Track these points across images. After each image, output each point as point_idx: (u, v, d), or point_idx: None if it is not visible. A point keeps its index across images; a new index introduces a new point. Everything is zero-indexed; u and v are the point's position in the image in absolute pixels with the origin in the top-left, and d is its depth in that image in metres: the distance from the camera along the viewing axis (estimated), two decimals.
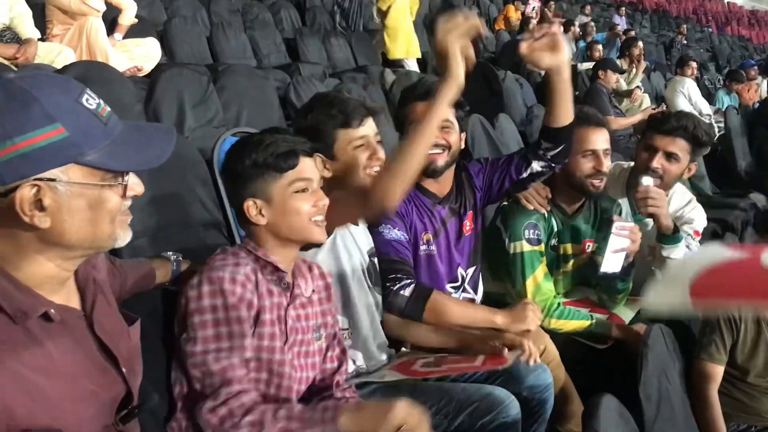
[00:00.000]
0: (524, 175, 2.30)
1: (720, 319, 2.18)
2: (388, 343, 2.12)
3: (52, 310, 1.10)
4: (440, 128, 2.11)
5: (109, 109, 1.10)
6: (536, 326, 2.13)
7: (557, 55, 2.02)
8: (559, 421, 2.10)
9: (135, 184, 1.14)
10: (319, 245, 1.79)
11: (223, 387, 1.43)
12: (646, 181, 2.43)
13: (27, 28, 3.71)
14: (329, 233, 1.76)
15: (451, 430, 1.83)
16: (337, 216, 1.74)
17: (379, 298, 2.09)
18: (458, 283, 2.34)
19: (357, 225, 2.03)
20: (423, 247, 2.24)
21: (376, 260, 2.11)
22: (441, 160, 2.20)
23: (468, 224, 2.36)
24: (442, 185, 2.29)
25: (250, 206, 1.59)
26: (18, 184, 1.01)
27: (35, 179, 1.02)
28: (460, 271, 2.35)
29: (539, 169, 2.28)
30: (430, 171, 2.20)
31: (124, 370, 1.23)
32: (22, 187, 1.01)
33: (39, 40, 3.78)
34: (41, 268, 1.09)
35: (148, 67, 4.35)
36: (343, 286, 1.96)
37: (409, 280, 2.11)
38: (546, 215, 2.47)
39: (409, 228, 2.21)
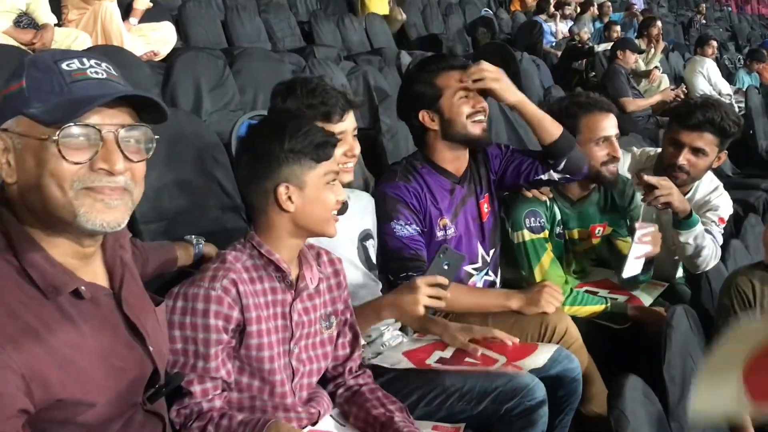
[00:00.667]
0: (542, 177, 2.29)
1: (735, 302, 2.14)
2: None
3: (83, 287, 1.11)
4: (471, 94, 2.17)
5: (96, 76, 1.08)
6: (553, 309, 2.11)
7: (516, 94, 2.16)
8: (581, 403, 2.08)
9: (104, 155, 1.06)
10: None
11: (186, 397, 1.47)
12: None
13: (43, 13, 3.72)
14: None
15: (475, 416, 1.81)
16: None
17: (378, 285, 2.10)
18: (479, 265, 2.33)
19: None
20: (440, 234, 2.22)
21: (368, 244, 2.10)
22: (482, 129, 2.21)
23: (486, 206, 2.35)
24: (461, 163, 2.29)
25: (282, 191, 1.55)
26: None
27: (1, 129, 1.07)
28: (482, 252, 2.34)
29: (557, 177, 2.28)
30: (484, 140, 2.22)
31: (151, 348, 1.24)
32: None
33: (55, 25, 3.78)
34: (61, 243, 1.11)
35: (164, 51, 4.34)
36: None
37: None
38: (548, 203, 2.44)
39: (423, 219, 2.19)
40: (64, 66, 1.07)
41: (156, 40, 4.31)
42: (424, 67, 2.24)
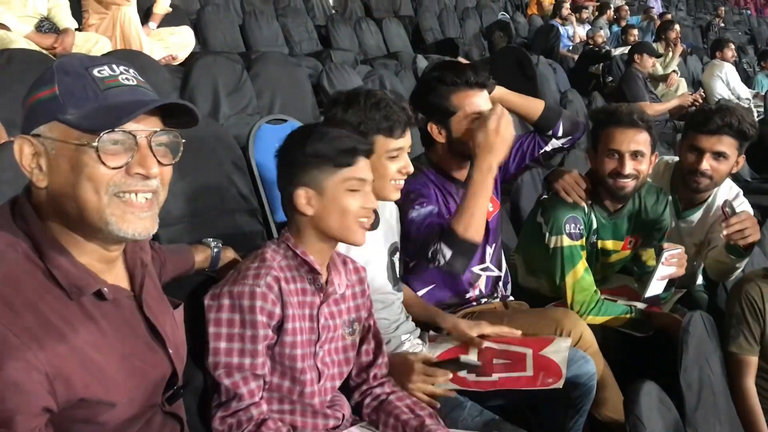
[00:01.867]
0: (547, 149, 2.36)
1: (745, 309, 2.13)
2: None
3: (105, 289, 1.13)
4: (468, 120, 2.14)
5: (128, 83, 1.11)
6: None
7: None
8: (596, 407, 2.08)
9: (140, 159, 1.09)
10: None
11: (233, 401, 1.47)
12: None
13: (64, 17, 3.75)
14: None
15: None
16: None
17: (401, 295, 2.09)
18: (485, 264, 2.34)
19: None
20: None
21: (396, 259, 2.09)
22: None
23: (491, 205, 2.32)
24: (465, 169, 2.25)
25: (301, 194, 1.57)
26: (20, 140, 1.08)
27: (32, 134, 1.08)
28: (488, 251, 2.35)
29: (562, 143, 2.36)
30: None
31: (170, 351, 1.26)
32: (21, 141, 1.08)
33: (76, 30, 3.83)
34: (87, 247, 1.12)
35: (182, 55, 4.38)
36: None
37: (449, 253, 2.06)
38: (586, 210, 2.42)
39: (444, 213, 2.19)
40: (95, 72, 1.09)
41: (174, 44, 4.36)
42: (443, 78, 2.19)
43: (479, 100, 2.16)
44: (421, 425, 1.63)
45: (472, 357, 1.96)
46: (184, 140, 1.17)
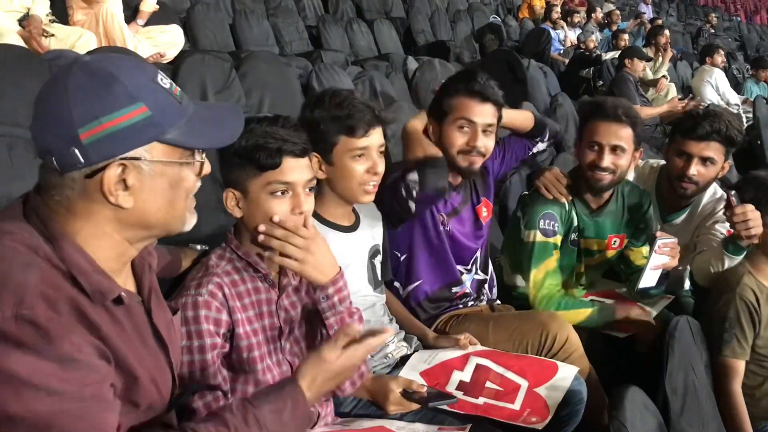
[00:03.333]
0: (534, 151, 2.43)
1: (740, 313, 2.13)
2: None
3: (123, 293, 1.10)
4: (483, 132, 2.12)
5: (179, 89, 1.12)
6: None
7: None
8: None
9: (207, 164, 1.15)
10: None
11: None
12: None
13: (41, 12, 3.71)
14: None
15: None
16: None
17: (383, 297, 2.07)
18: (468, 267, 2.33)
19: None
20: (440, 225, 2.23)
21: (376, 262, 2.07)
22: (477, 165, 2.17)
23: (485, 210, 2.35)
24: (457, 178, 2.26)
25: (229, 196, 1.51)
26: (105, 164, 1.02)
27: (121, 159, 1.03)
28: (477, 255, 2.35)
29: (545, 145, 2.43)
30: (467, 172, 2.18)
31: (173, 359, 1.23)
32: (110, 166, 1.02)
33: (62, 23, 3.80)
34: (114, 248, 1.10)
35: (171, 54, 4.33)
36: None
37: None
38: (567, 208, 2.41)
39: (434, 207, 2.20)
40: (161, 83, 1.08)
41: (164, 42, 4.32)
42: (455, 80, 2.18)
43: (472, 110, 2.11)
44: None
45: (466, 376, 1.93)
46: None
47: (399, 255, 2.23)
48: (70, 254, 1.04)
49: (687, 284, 2.78)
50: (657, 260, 2.32)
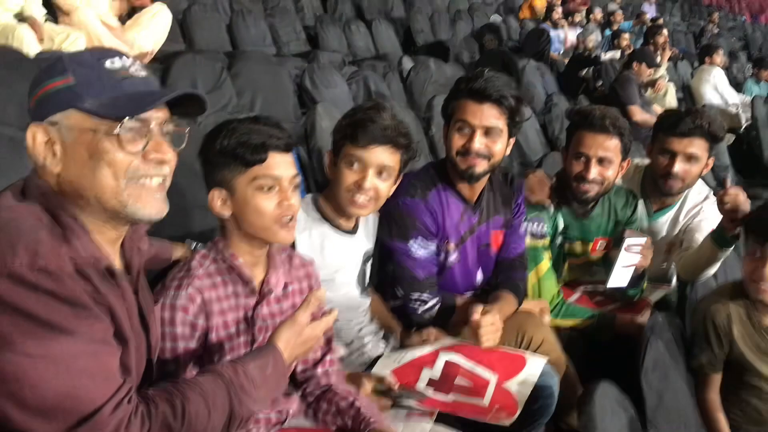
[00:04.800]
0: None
1: (710, 332, 2.10)
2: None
3: (117, 267, 1.17)
4: (485, 134, 2.06)
5: (139, 74, 1.16)
6: (492, 344, 1.94)
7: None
8: (562, 413, 2.05)
9: (155, 146, 1.14)
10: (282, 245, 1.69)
11: None
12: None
13: (34, 8, 3.74)
14: None
15: None
16: None
17: (368, 300, 2.08)
18: (477, 291, 2.30)
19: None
20: (442, 254, 2.19)
21: (368, 266, 2.08)
22: (480, 168, 2.08)
23: (501, 237, 2.29)
24: (474, 189, 2.20)
25: (215, 196, 1.52)
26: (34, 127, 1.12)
27: (46, 122, 1.12)
28: (479, 279, 2.31)
29: None
30: (466, 176, 2.11)
31: (152, 340, 1.29)
32: (34, 128, 1.12)
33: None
34: (88, 221, 1.15)
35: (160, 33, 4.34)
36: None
37: (434, 300, 2.11)
38: (551, 211, 2.41)
39: (440, 238, 2.16)
40: (107, 64, 1.13)
41: (156, 24, 4.31)
42: (461, 81, 2.12)
43: (470, 111, 2.06)
44: (357, 413, 1.61)
45: (435, 373, 1.93)
46: (187, 129, 1.22)
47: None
48: (66, 222, 1.11)
49: (674, 282, 2.78)
50: (626, 259, 2.31)
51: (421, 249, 2.09)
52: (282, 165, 1.52)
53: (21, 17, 3.66)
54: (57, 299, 1.01)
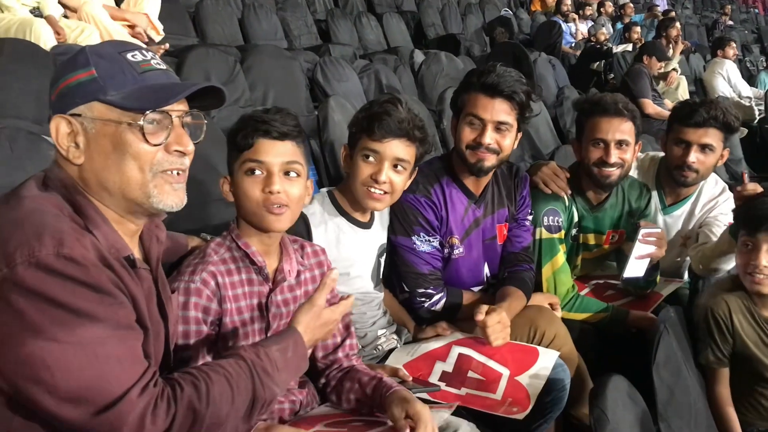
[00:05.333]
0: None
1: (712, 327, 2.11)
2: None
3: (134, 256, 1.19)
4: (495, 128, 2.07)
5: (159, 66, 1.18)
6: (502, 343, 1.95)
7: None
8: (572, 406, 2.07)
9: (177, 138, 1.17)
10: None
11: None
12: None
13: (50, 5, 3.77)
14: None
15: None
16: None
17: (381, 294, 2.10)
18: (484, 286, 2.31)
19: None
20: (446, 251, 2.20)
21: (382, 260, 2.09)
22: (489, 162, 2.09)
23: (505, 230, 2.30)
24: (479, 183, 2.22)
25: (224, 182, 1.60)
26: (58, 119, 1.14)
27: (69, 114, 1.13)
28: (486, 273, 2.31)
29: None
30: (475, 170, 2.11)
31: (171, 329, 1.31)
32: (58, 120, 1.14)
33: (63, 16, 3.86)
34: (109, 212, 1.17)
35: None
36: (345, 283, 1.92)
37: (439, 295, 2.12)
38: (567, 203, 2.41)
39: (443, 232, 2.17)
40: (129, 57, 1.15)
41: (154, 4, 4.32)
42: (473, 75, 2.11)
43: (482, 106, 2.06)
44: (379, 381, 1.62)
45: (448, 367, 1.94)
46: (206, 121, 1.25)
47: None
48: (88, 213, 1.14)
49: (686, 276, 2.78)
50: (641, 249, 2.31)
51: (424, 244, 2.11)
52: (271, 151, 1.55)
53: (37, 12, 3.70)
54: (83, 286, 1.03)
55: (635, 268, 2.35)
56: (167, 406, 1.07)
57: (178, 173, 1.18)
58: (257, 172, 1.55)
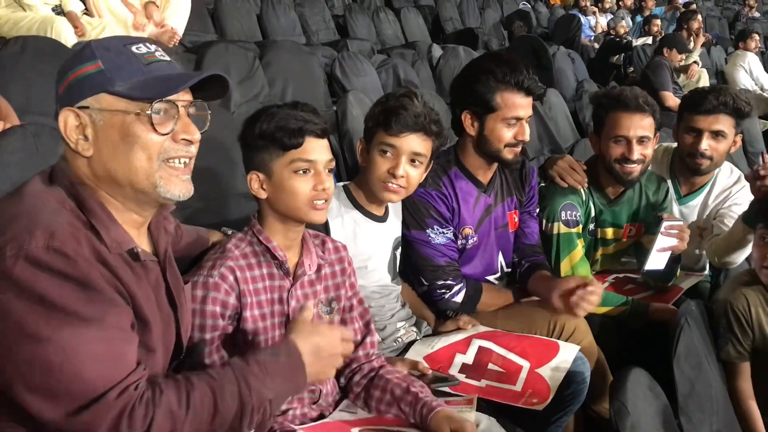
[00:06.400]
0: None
1: (732, 322, 2.09)
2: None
3: (139, 249, 1.20)
4: (519, 123, 2.11)
5: (164, 58, 1.20)
6: (584, 314, 2.02)
7: None
8: (592, 400, 2.07)
9: (183, 127, 1.19)
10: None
11: None
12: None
13: (72, 2, 3.83)
14: None
15: None
16: None
17: (399, 287, 2.11)
18: (499, 275, 2.32)
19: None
20: (460, 242, 2.21)
21: (398, 253, 2.10)
22: (514, 155, 2.16)
23: (516, 217, 2.32)
24: (489, 173, 2.24)
25: (253, 179, 1.59)
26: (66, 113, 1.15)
27: (77, 107, 1.15)
28: (501, 262, 2.32)
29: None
30: (510, 164, 2.19)
31: (181, 320, 1.32)
32: (66, 113, 1.15)
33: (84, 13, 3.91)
34: (116, 204, 1.19)
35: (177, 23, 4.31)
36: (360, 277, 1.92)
37: (459, 285, 2.13)
38: (584, 198, 2.40)
39: (456, 224, 2.18)
40: (133, 49, 1.17)
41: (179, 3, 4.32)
42: (496, 70, 2.10)
43: (522, 106, 2.11)
44: (416, 398, 1.63)
45: (468, 358, 1.96)
46: (209, 112, 1.27)
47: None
48: (92, 207, 1.15)
49: (707, 269, 2.76)
50: (663, 242, 2.30)
51: (439, 236, 2.12)
52: (318, 149, 1.58)
53: (59, 10, 3.75)
54: (71, 281, 1.04)
55: (657, 260, 2.34)
56: (145, 409, 1.06)
57: (184, 163, 1.20)
58: (306, 171, 1.56)
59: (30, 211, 1.08)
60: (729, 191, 2.65)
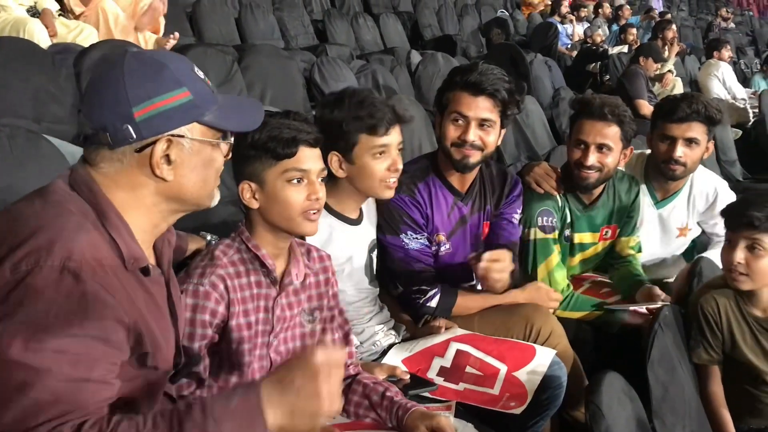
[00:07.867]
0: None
1: (703, 324, 2.11)
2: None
3: (151, 265, 1.21)
4: (479, 125, 2.10)
5: (208, 79, 1.25)
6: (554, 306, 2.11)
7: None
8: (567, 406, 2.07)
9: (227, 147, 1.27)
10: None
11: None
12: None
13: (47, 4, 3.80)
14: None
15: None
16: None
17: (376, 289, 2.11)
18: (474, 282, 2.32)
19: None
20: (434, 248, 2.21)
21: (374, 255, 2.11)
22: (473, 159, 2.12)
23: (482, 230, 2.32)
24: (465, 180, 2.24)
25: (245, 189, 1.57)
26: (154, 140, 1.15)
27: (169, 135, 1.16)
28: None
29: None
30: (460, 166, 2.15)
31: (180, 331, 1.32)
32: (159, 141, 1.16)
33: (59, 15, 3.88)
34: (149, 221, 1.21)
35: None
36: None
37: (433, 291, 2.13)
38: (560, 204, 2.43)
39: (430, 230, 2.19)
40: (199, 74, 1.22)
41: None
42: (456, 73, 2.15)
43: (465, 104, 2.10)
44: (391, 402, 1.64)
45: (446, 362, 1.96)
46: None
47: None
48: (114, 222, 1.15)
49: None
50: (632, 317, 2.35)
51: (413, 242, 2.13)
52: (311, 158, 1.58)
53: (33, 11, 3.71)
54: (70, 303, 1.03)
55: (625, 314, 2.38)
56: None
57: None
58: (300, 180, 1.57)
59: (53, 225, 1.08)
60: (715, 194, 2.71)
